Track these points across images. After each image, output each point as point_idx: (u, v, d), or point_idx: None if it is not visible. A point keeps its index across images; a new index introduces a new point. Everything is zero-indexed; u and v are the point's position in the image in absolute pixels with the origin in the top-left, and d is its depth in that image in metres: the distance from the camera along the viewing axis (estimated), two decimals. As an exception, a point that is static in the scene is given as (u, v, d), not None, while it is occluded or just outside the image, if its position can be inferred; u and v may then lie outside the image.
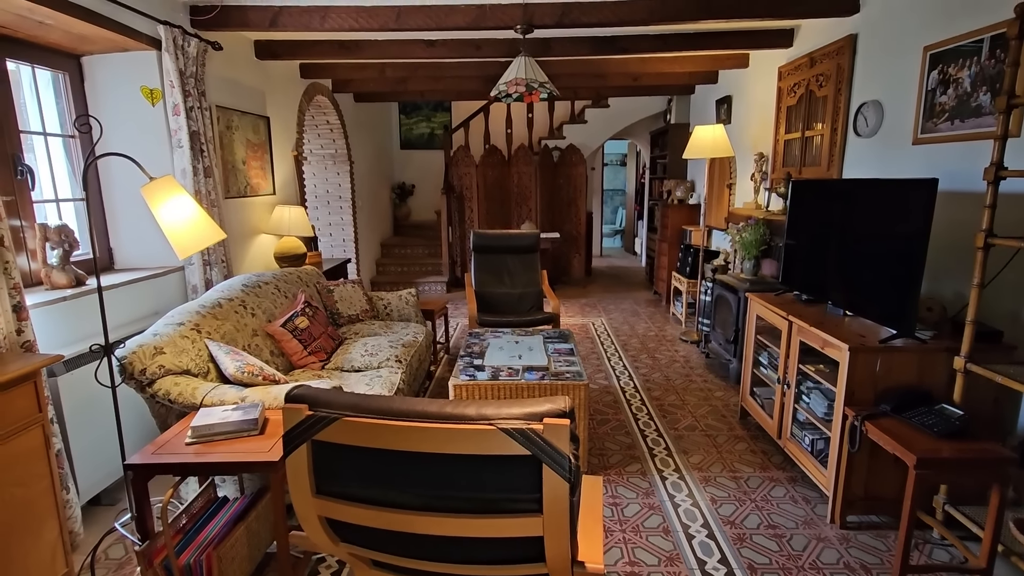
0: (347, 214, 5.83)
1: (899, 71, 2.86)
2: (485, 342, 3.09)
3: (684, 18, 3.26)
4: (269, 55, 4.00)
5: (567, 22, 3.28)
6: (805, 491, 2.46)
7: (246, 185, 3.77)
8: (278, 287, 3.00)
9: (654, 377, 3.83)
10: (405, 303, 3.71)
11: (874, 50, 3.10)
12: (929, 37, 2.65)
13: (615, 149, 10.81)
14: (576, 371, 2.64)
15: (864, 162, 3.17)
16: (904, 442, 1.87)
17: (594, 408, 3.33)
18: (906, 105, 2.81)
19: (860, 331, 2.30)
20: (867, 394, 2.16)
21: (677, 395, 3.52)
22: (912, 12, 2.78)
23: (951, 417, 1.94)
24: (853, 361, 2.13)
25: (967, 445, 1.85)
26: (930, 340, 2.16)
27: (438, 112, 7.67)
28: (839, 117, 3.37)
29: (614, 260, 9.24)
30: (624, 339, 4.72)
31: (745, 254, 3.90)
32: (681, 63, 4.83)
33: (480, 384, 2.52)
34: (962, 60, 2.47)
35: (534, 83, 3.15)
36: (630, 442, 2.91)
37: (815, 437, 2.44)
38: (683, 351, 4.40)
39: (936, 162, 2.61)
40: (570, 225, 6.85)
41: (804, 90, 3.78)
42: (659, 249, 6.20)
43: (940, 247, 2.54)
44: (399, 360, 2.84)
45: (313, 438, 1.07)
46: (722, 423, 3.13)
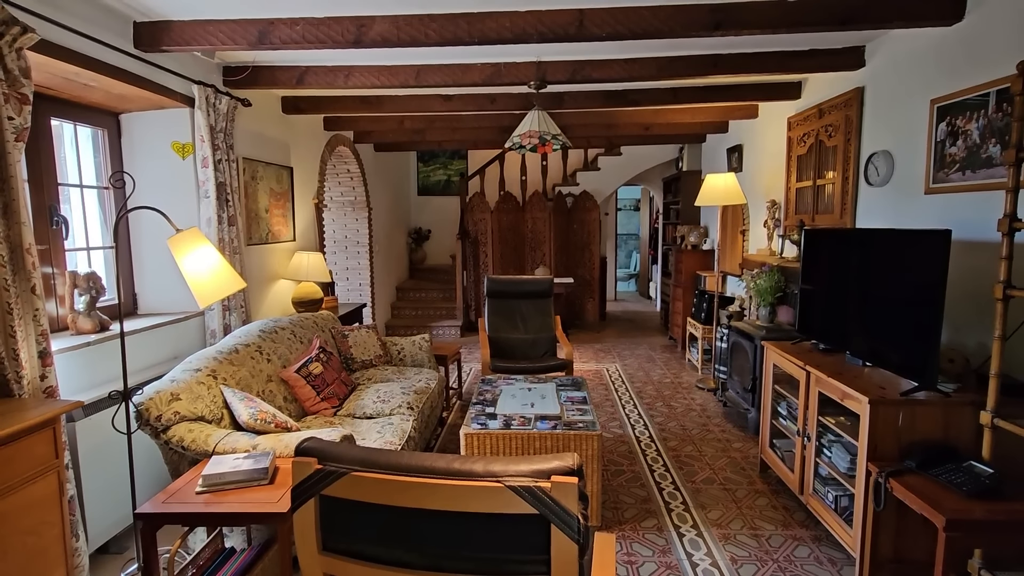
0: (364, 259, 5.95)
1: (907, 122, 2.91)
2: (497, 389, 3.08)
3: (693, 74, 3.38)
4: (295, 110, 4.20)
5: (579, 78, 3.41)
6: (830, 551, 2.35)
7: (268, 232, 3.89)
8: (294, 332, 3.05)
9: (670, 426, 3.75)
10: (419, 348, 3.73)
11: (882, 102, 3.16)
12: (935, 91, 2.70)
13: (629, 194, 10.96)
14: (589, 420, 2.60)
15: (877, 211, 3.18)
16: (932, 501, 1.79)
17: (608, 459, 3.25)
18: (916, 155, 2.83)
19: (880, 383, 2.25)
20: (891, 449, 2.08)
21: (694, 445, 3.43)
22: (917, 67, 2.85)
23: (981, 475, 1.86)
24: (874, 414, 2.07)
25: (1000, 506, 1.76)
26: (954, 393, 2.10)
27: (455, 160, 7.91)
28: (850, 166, 3.40)
29: (629, 304, 9.21)
30: (639, 386, 4.66)
31: (760, 301, 3.87)
32: (692, 113, 4.95)
33: (492, 433, 2.49)
34: (969, 113, 2.50)
35: (547, 135, 3.26)
36: (645, 495, 2.83)
37: (839, 493, 2.35)
38: (699, 399, 4.32)
39: (950, 211, 2.61)
40: (584, 270, 6.89)
41: (814, 140, 3.84)
42: (673, 294, 6.18)
43: (960, 296, 2.50)
44: (411, 407, 2.83)
45: (321, 492, 1.07)
46: (741, 476, 3.03)
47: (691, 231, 6.18)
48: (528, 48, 3.13)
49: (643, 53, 3.27)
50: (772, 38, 3.04)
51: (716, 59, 3.30)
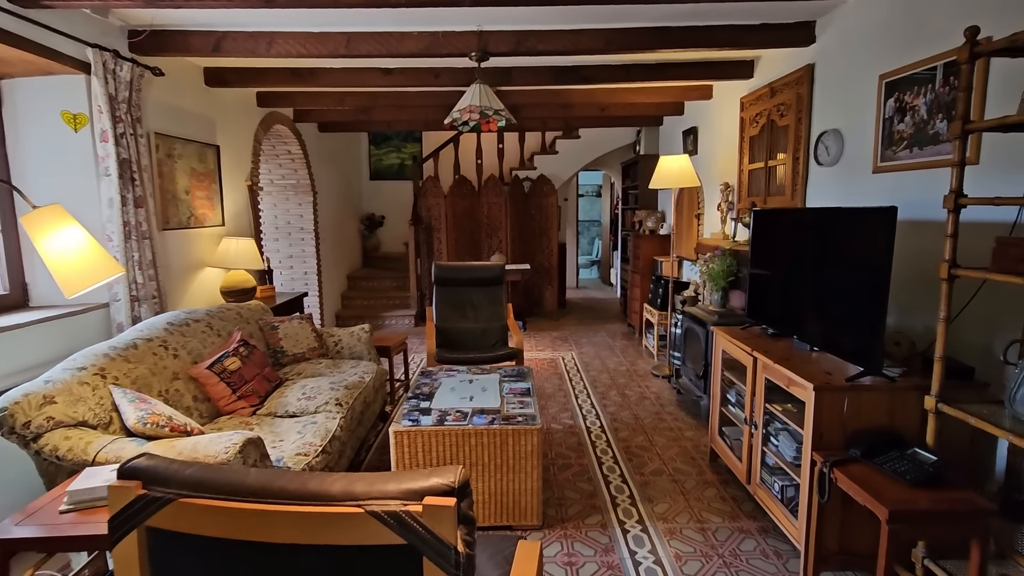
0: (309, 246, 5.63)
1: (857, 100, 2.82)
2: (437, 382, 2.89)
3: (642, 47, 3.22)
4: (219, 82, 3.86)
5: (523, 50, 3.21)
6: (776, 543, 2.26)
7: (189, 216, 3.57)
8: (210, 325, 2.78)
9: (622, 416, 3.64)
10: (357, 340, 3.50)
11: (832, 79, 3.07)
12: (884, 66, 2.61)
13: (590, 180, 10.85)
14: (530, 414, 2.44)
15: (827, 191, 3.10)
16: (875, 492, 1.70)
17: (556, 452, 3.11)
18: (865, 133, 2.75)
19: (827, 368, 2.15)
20: (836, 437, 1.99)
21: (646, 435, 3.33)
22: (866, 41, 2.75)
23: (924, 463, 1.78)
24: (819, 402, 1.98)
25: (943, 494, 1.69)
26: (899, 378, 2.02)
27: (408, 142, 7.60)
28: (800, 146, 3.31)
29: (590, 291, 9.12)
30: (594, 375, 4.54)
31: (713, 285, 3.78)
32: (646, 94, 4.82)
33: (424, 430, 2.31)
34: (917, 88, 2.42)
35: (488, 110, 3.05)
36: (592, 490, 2.70)
37: (785, 483, 2.26)
38: (654, 387, 4.23)
39: (897, 190, 2.54)
40: (542, 256, 6.73)
41: (766, 120, 3.74)
42: (631, 280, 6.10)
43: (907, 278, 2.43)
44: (339, 404, 2.61)
45: (146, 523, 0.86)
46: (691, 466, 2.93)
47: (649, 216, 6.08)
48: (468, 15, 2.91)
49: (589, 24, 3.09)
50: (722, 9, 2.90)
51: (665, 31, 3.15)
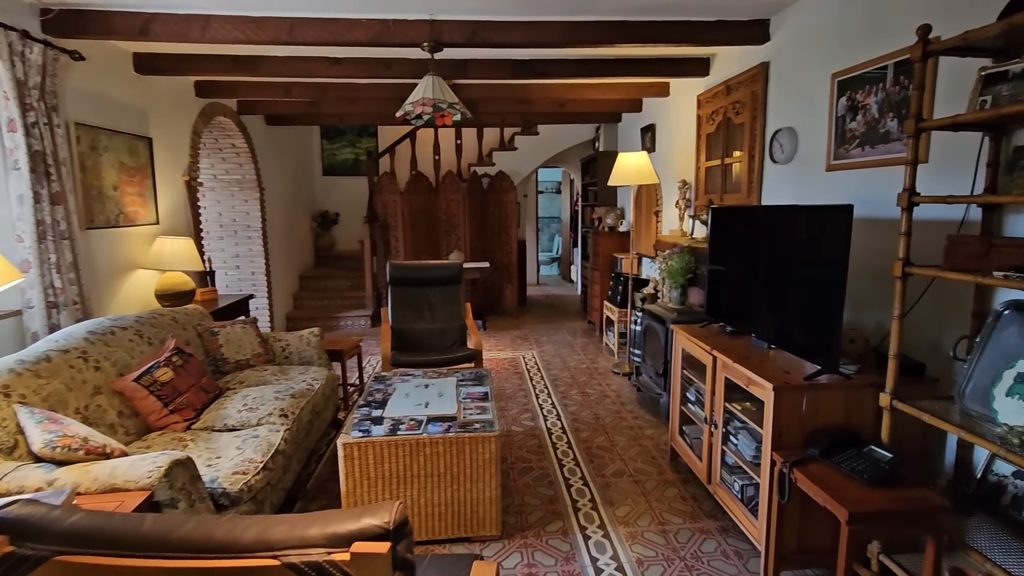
0: (257, 244, 5.35)
1: (810, 98, 2.84)
2: (391, 387, 2.75)
3: (600, 41, 3.16)
4: (151, 70, 3.58)
5: (478, 41, 3.09)
6: (737, 543, 2.25)
7: (118, 214, 3.29)
8: (140, 332, 2.55)
9: (583, 416, 3.59)
10: (307, 344, 3.31)
11: (786, 77, 3.09)
12: (836, 64, 2.63)
13: (550, 177, 10.82)
14: (487, 420, 2.34)
15: (782, 189, 3.13)
16: (835, 493, 1.69)
17: (516, 455, 3.03)
18: (819, 131, 2.78)
19: (785, 367, 2.15)
20: (795, 436, 1.98)
21: (606, 435, 3.29)
22: (819, 40, 2.78)
23: (880, 461, 1.79)
24: (778, 401, 1.96)
25: (899, 493, 1.69)
26: (855, 375, 2.03)
27: (363, 137, 7.35)
28: (756, 144, 3.33)
29: (550, 288, 9.10)
30: (555, 373, 4.49)
31: (672, 283, 3.78)
32: (604, 90, 4.79)
33: (375, 441, 2.17)
34: (868, 87, 2.44)
35: (442, 103, 2.93)
36: (553, 494, 2.63)
37: (745, 483, 2.25)
38: (615, 385, 4.21)
39: (850, 188, 2.56)
40: (501, 254, 6.64)
41: (722, 117, 3.76)
42: (591, 277, 6.08)
43: (859, 275, 2.45)
44: (284, 415, 2.45)
45: (15, 587, 0.72)
46: (652, 466, 2.91)
47: (608, 213, 6.08)
48: (420, 3, 2.78)
49: (546, 16, 3.01)
50: (679, 4, 2.88)
51: (623, 26, 3.10)
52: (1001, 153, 1.83)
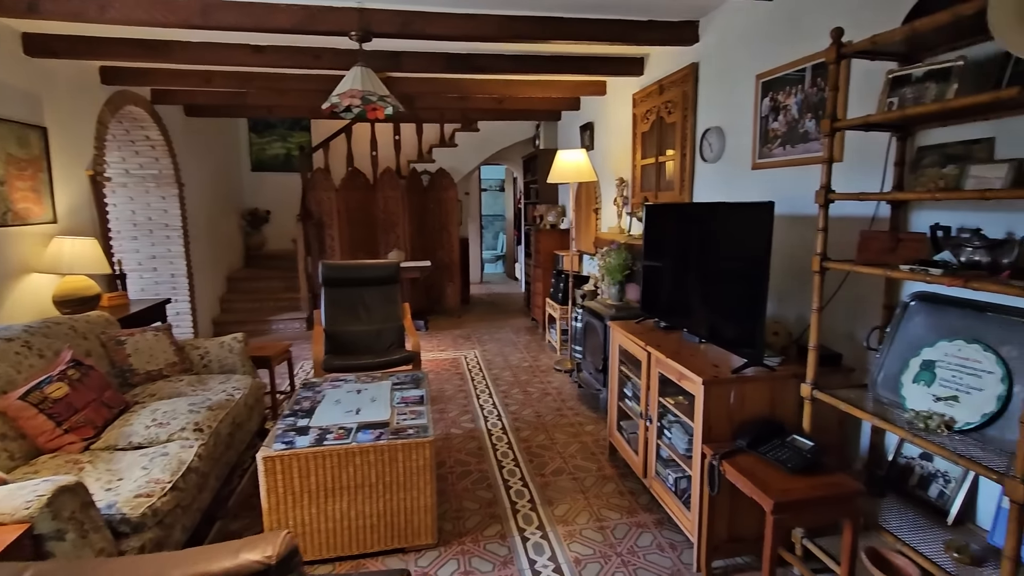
0: (177, 245, 4.99)
1: (737, 98, 2.93)
2: (321, 394, 2.61)
3: (534, 37, 3.12)
4: (46, 52, 3.24)
5: (410, 32, 2.98)
6: (672, 536, 2.28)
7: (6, 211, 2.95)
8: (29, 344, 2.29)
9: (524, 415, 3.57)
10: (228, 351, 3.10)
11: (714, 78, 3.18)
12: (760, 66, 2.71)
13: (493, 174, 10.77)
14: (421, 425, 2.26)
15: (712, 186, 3.21)
16: (761, 483, 1.73)
17: (455, 459, 2.96)
18: (744, 131, 2.86)
19: (715, 360, 2.19)
20: (724, 428, 2.02)
21: (547, 433, 3.27)
22: (744, 42, 2.86)
23: (803, 449, 1.85)
24: (708, 395, 1.99)
25: (819, 480, 1.75)
26: (779, 367, 2.09)
27: (295, 131, 7.02)
28: (687, 143, 3.41)
29: (495, 287, 9.06)
30: (497, 373, 4.44)
31: (610, 279, 3.81)
32: (542, 88, 4.78)
33: (299, 453, 2.04)
34: (789, 88, 2.53)
35: (372, 96, 2.80)
36: (492, 497, 2.58)
37: (678, 475, 2.28)
38: (556, 382, 4.21)
39: (774, 186, 2.65)
40: (443, 252, 6.52)
41: (656, 116, 3.83)
42: (534, 275, 6.08)
43: (781, 270, 2.55)
44: (199, 429, 2.26)
45: None
46: (591, 462, 2.91)
47: (549, 210, 6.10)
48: (344, -12, 2.64)
49: (481, 8, 2.94)
50: (613, 3, 2.89)
51: (558, 22, 3.08)
52: (907, 153, 1.93)
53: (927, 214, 1.86)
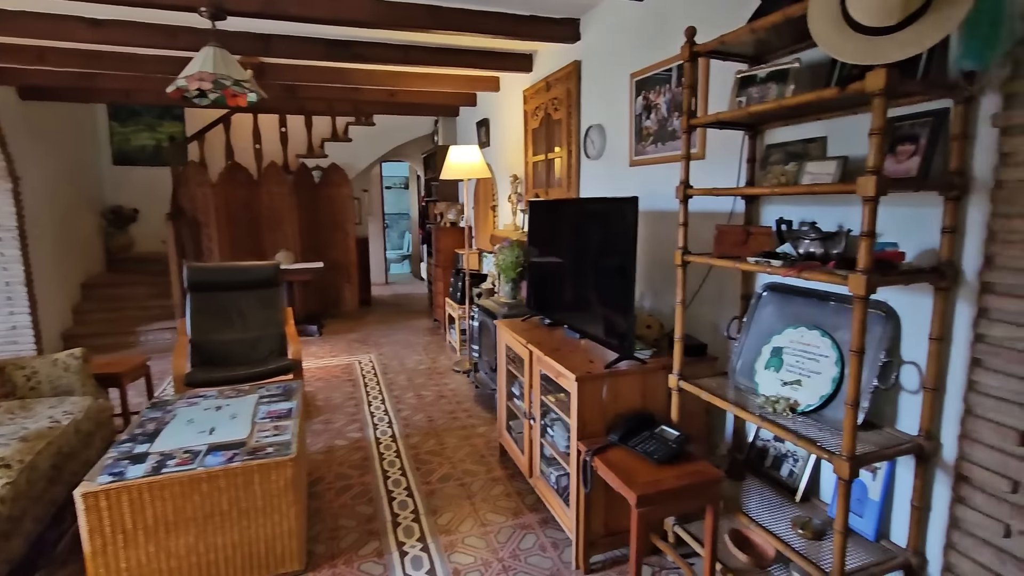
0: (11, 248, 4.30)
1: (615, 97, 2.97)
2: (171, 414, 2.32)
3: (409, 25, 2.98)
4: None
5: (274, 12, 2.74)
6: (554, 535, 2.25)
7: None
8: None
9: (416, 420, 3.43)
10: (64, 369, 2.68)
11: (595, 76, 3.22)
12: (634, 65, 2.77)
13: (397, 171, 10.46)
14: (284, 442, 2.06)
15: (596, 183, 3.26)
16: (627, 477, 1.73)
17: (336, 473, 2.76)
18: (622, 129, 2.92)
19: (591, 356, 2.19)
20: (598, 424, 2.02)
21: (438, 438, 3.16)
22: (619, 41, 2.91)
23: (669, 439, 1.88)
24: (582, 391, 1.98)
25: (684, 469, 1.78)
26: (649, 360, 2.13)
27: (166, 120, 6.34)
28: (572, 140, 3.43)
29: (400, 287, 8.79)
30: (392, 377, 4.26)
31: (504, 277, 3.77)
32: (434, 81, 4.64)
33: (130, 485, 1.78)
34: (659, 87, 2.60)
35: (225, 80, 2.53)
36: (372, 512, 2.43)
37: (560, 474, 2.26)
38: (453, 383, 4.11)
39: (648, 183, 2.72)
40: (337, 252, 6.19)
41: (544, 113, 3.83)
42: (434, 274, 5.94)
43: (656, 264, 2.62)
44: (6, 465, 1.91)
45: None
46: (481, 465, 2.84)
47: (449, 208, 5.98)
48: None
49: (350, -9, 2.76)
50: (491, -6, 2.83)
51: (436, 11, 2.97)
52: (757, 150, 2.03)
53: (776, 208, 1.97)
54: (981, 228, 1.36)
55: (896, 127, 1.55)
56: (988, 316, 1.34)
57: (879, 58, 1.22)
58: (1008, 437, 1.31)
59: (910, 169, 1.48)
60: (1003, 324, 1.31)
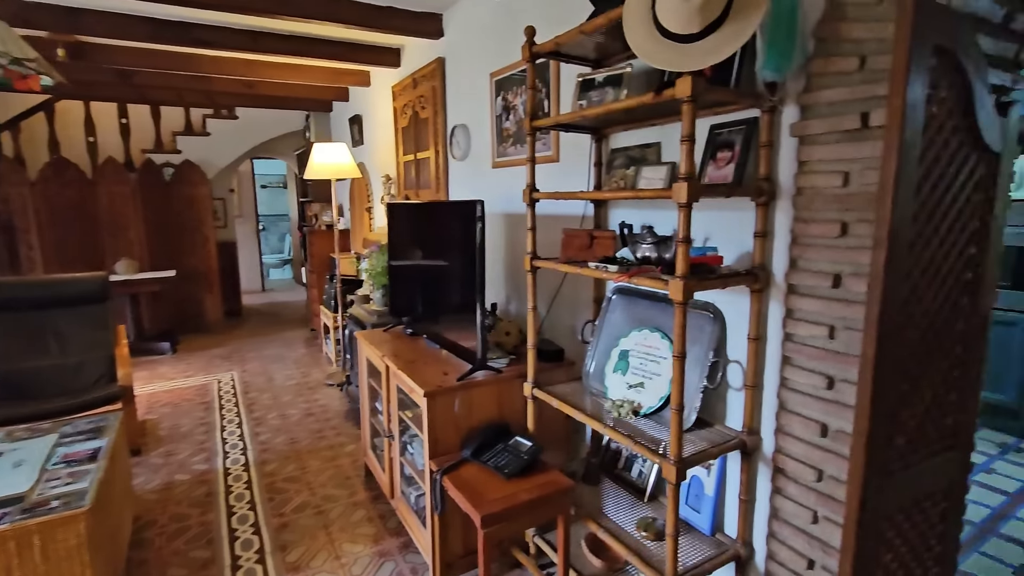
0: None
1: (478, 96, 2.90)
2: (-70, 468, 1.87)
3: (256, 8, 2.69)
4: None
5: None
6: (414, 559, 2.13)
7: None
8: None
9: (276, 443, 3.12)
10: None
11: (458, 75, 3.12)
12: (493, 64, 2.71)
13: (274, 170, 9.72)
14: (78, 491, 1.73)
15: (463, 185, 3.16)
16: (474, 496, 1.65)
17: (171, 514, 2.42)
18: (485, 129, 2.85)
19: (447, 368, 2.08)
20: (452, 440, 1.92)
21: (298, 462, 2.89)
22: (479, 39, 2.83)
23: (522, 451, 1.83)
24: (431, 406, 1.87)
25: (534, 481, 1.74)
26: (506, 368, 2.07)
27: (-33, 107, 5.31)
28: (440, 140, 3.32)
29: (280, 295, 8.16)
30: (255, 396, 3.87)
31: (375, 283, 3.56)
32: (298, 73, 4.30)
33: None
34: (516, 88, 2.56)
35: (4, 57, 2.10)
36: (209, 556, 2.14)
37: (419, 494, 2.14)
38: (324, 399, 3.82)
39: (509, 185, 2.67)
40: (196, 259, 5.56)
41: (412, 111, 3.68)
42: (310, 280, 5.55)
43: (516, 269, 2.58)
44: None
45: None
46: (343, 489, 2.63)
47: (324, 209, 5.61)
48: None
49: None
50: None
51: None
52: (603, 154, 2.04)
53: (621, 212, 1.98)
54: (787, 232, 1.43)
55: (716, 134, 1.61)
56: (793, 316, 1.42)
57: (686, 65, 1.23)
58: (812, 429, 1.38)
59: (727, 175, 1.53)
60: (805, 323, 1.39)
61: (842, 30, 1.27)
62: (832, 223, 1.31)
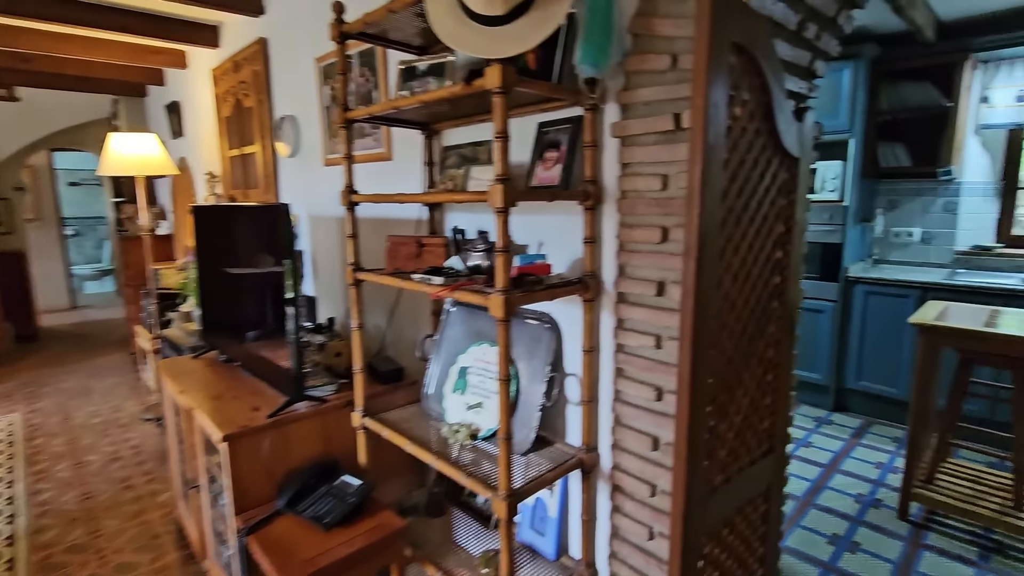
0: None
1: (304, 84, 2.56)
2: None
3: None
4: None
5: None
6: (230, 633, 1.78)
7: None
8: None
9: (62, 502, 2.52)
10: None
11: (283, 59, 2.75)
12: (317, 49, 2.40)
13: (85, 164, 8.21)
14: None
15: (295, 183, 2.80)
16: (282, 559, 1.37)
17: None
18: (314, 122, 2.53)
19: (261, 402, 1.76)
20: (265, 488, 1.62)
21: (91, 524, 2.35)
22: (303, 19, 2.50)
23: (348, 493, 1.58)
24: (235, 451, 1.55)
25: (359, 528, 1.51)
26: (333, 397, 1.80)
27: None
28: (266, 133, 2.91)
29: (97, 312, 6.92)
30: (43, 442, 3.14)
31: (194, 299, 3.05)
32: (92, 48, 3.56)
33: None
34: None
35: None
36: None
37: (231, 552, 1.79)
38: (138, 437, 3.21)
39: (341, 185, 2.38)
40: (-38, 274, 4.45)
41: (235, 99, 3.20)
42: (126, 296, 4.71)
43: (350, 279, 2.31)
44: None
45: None
46: (148, 553, 2.17)
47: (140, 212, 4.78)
48: None
49: None
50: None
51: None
52: (434, 152, 1.86)
53: (457, 216, 1.82)
54: (614, 238, 1.36)
55: (544, 132, 1.50)
56: (624, 326, 1.35)
57: (493, 52, 1.08)
58: (644, 443, 1.33)
59: (555, 177, 1.43)
60: (634, 333, 1.32)
61: (655, 26, 1.20)
62: (654, 228, 1.25)
